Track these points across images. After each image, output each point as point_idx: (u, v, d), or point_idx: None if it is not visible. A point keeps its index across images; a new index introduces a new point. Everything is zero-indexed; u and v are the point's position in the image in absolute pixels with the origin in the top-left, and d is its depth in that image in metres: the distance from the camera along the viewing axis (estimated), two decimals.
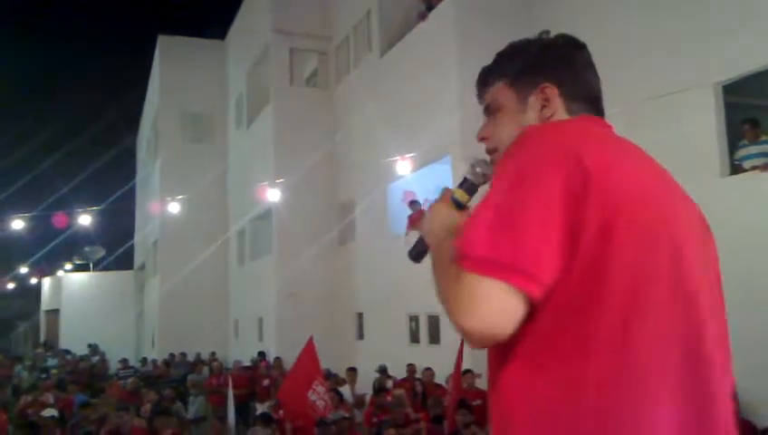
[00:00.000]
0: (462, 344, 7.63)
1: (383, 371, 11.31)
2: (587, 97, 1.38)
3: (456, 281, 1.12)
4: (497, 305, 1.08)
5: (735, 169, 7.73)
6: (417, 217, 12.28)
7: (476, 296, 1.08)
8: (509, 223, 1.10)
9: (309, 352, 8.99)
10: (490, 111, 1.46)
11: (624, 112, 6.59)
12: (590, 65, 1.41)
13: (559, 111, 1.35)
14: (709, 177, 7.64)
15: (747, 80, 7.69)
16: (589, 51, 1.42)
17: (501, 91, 1.42)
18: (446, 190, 1.43)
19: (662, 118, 8.03)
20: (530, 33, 1.50)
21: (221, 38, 22.51)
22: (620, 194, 1.13)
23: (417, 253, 1.46)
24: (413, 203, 12.52)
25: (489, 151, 1.47)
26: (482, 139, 1.49)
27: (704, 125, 7.89)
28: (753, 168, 7.42)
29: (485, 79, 1.49)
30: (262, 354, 15.45)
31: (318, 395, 8.48)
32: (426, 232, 1.38)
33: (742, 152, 7.65)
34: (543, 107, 1.36)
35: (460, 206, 1.41)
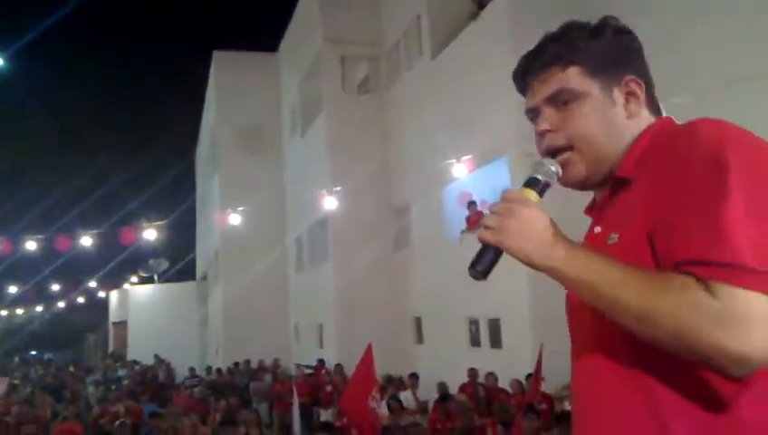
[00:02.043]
0: (541, 349, 7.46)
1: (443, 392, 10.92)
2: (654, 94, 1.29)
3: (707, 297, 0.95)
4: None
5: None
6: (476, 218, 12.14)
7: (756, 316, 0.92)
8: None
9: (368, 359, 8.96)
10: (559, 99, 1.25)
11: (693, 100, 6.35)
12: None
13: (643, 107, 1.25)
14: None
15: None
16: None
17: (577, 79, 1.24)
18: (518, 192, 1.18)
19: (733, 106, 7.69)
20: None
21: (274, 50, 22.86)
22: None
23: (485, 269, 1.20)
24: (471, 204, 12.39)
25: (554, 148, 1.26)
26: (545, 131, 1.28)
27: None
28: None
29: (552, 59, 1.27)
30: (321, 361, 15.53)
31: (377, 402, 8.45)
32: (515, 247, 1.12)
33: None
34: (628, 102, 1.24)
35: None
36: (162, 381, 18.90)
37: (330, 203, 14.77)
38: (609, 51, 1.25)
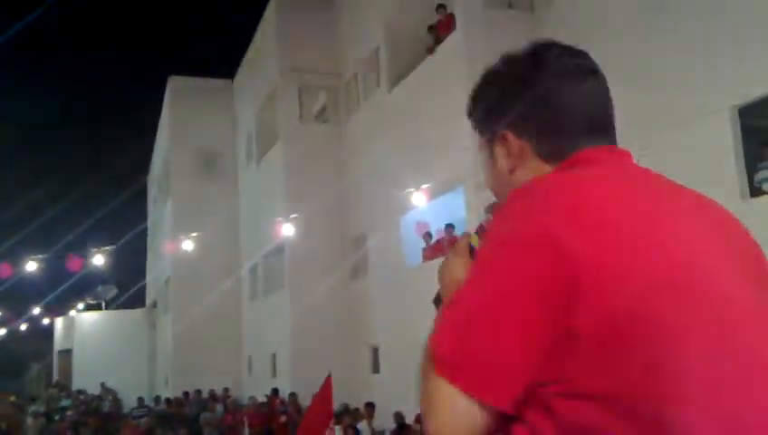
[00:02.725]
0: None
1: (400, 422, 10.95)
2: (571, 126, 1.08)
3: (426, 378, 0.97)
4: (459, 418, 0.91)
5: (755, 191, 7.71)
6: (432, 249, 12.28)
7: (439, 401, 0.93)
8: (476, 324, 0.92)
9: (326, 390, 8.90)
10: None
11: (638, 137, 6.59)
12: (574, 77, 1.11)
13: (528, 158, 1.11)
14: (729, 199, 7.58)
15: (764, 102, 7.70)
16: (568, 58, 1.13)
17: (478, 139, 1.22)
18: (463, 237, 1.19)
19: (678, 142, 8.03)
20: None
21: (230, 77, 22.82)
22: (630, 285, 0.87)
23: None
24: (427, 235, 12.52)
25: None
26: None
27: (721, 148, 7.89)
28: None
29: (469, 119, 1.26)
30: (275, 391, 15.33)
31: (333, 434, 8.39)
32: (441, 284, 1.17)
33: (762, 174, 7.64)
34: (509, 157, 1.13)
35: None
36: (108, 412, 18.32)
37: (287, 230, 14.72)
38: (486, 105, 1.18)
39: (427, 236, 12.64)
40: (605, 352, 0.85)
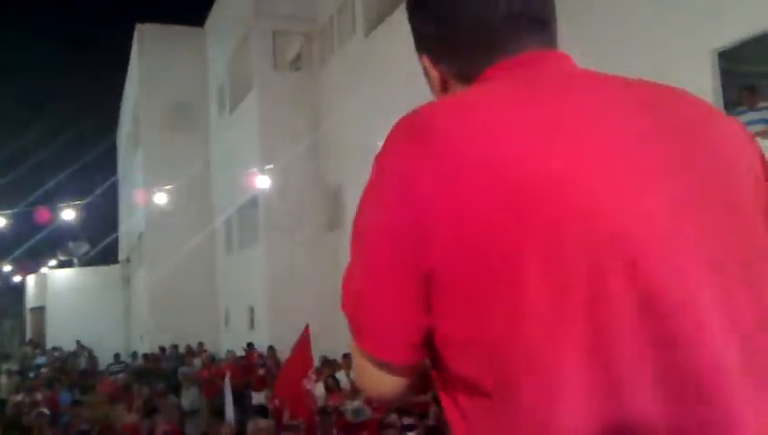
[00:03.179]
0: None
1: None
2: (478, 39, 0.91)
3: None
4: (372, 377, 0.91)
5: None
6: None
7: (357, 366, 0.94)
8: (356, 276, 0.88)
9: (304, 341, 8.88)
10: None
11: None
12: None
13: (450, 84, 0.98)
14: None
15: (744, 46, 7.54)
16: None
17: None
18: None
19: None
20: None
21: (201, 24, 22.08)
22: (476, 214, 0.75)
23: None
24: None
25: None
26: None
27: (700, 92, 7.72)
28: (754, 134, 7.30)
29: None
30: (251, 345, 15.20)
31: (312, 384, 8.40)
32: None
33: (740, 119, 7.52)
34: (432, 85, 1.03)
35: None
36: (84, 368, 18.16)
37: (261, 182, 14.44)
38: (412, 27, 1.04)
39: None
40: (458, 293, 0.78)
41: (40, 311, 29.56)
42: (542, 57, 0.91)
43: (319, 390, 9.58)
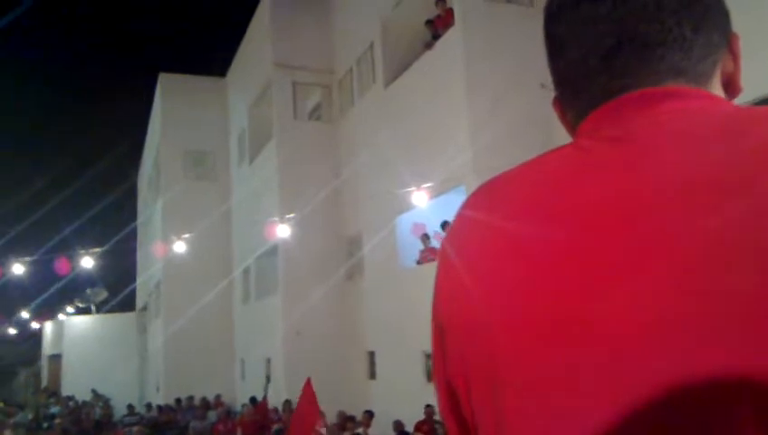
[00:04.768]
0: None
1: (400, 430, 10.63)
2: (584, 83, 0.75)
3: None
4: None
5: None
6: (429, 252, 11.91)
7: None
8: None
9: (307, 394, 8.93)
10: None
11: None
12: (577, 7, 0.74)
13: (572, 128, 0.81)
14: None
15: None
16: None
17: None
18: None
19: None
20: (542, 61, 0.97)
21: (222, 74, 22.39)
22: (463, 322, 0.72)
23: None
24: (425, 237, 12.16)
25: None
26: None
27: None
28: None
29: None
30: (253, 400, 14.82)
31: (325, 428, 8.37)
32: None
33: None
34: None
35: None
36: (99, 419, 17.88)
37: (281, 231, 14.35)
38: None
39: (425, 237, 12.27)
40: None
41: (57, 358, 29.45)
42: (641, 101, 0.70)
43: None
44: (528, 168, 0.74)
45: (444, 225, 11.67)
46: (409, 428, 9.89)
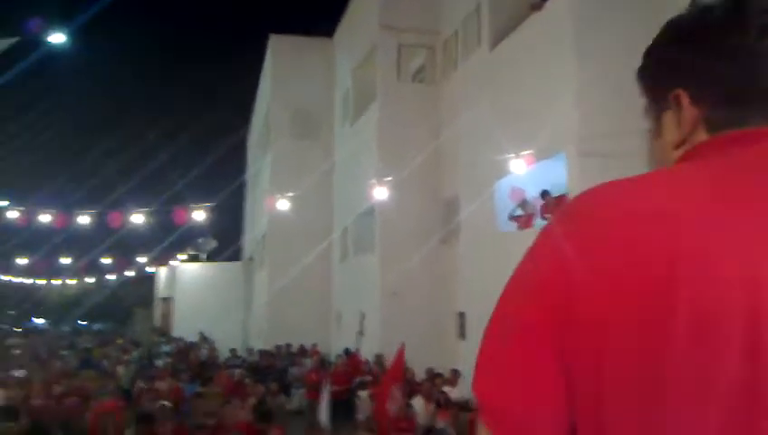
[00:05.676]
0: None
1: None
2: (751, 93, 0.84)
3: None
4: None
5: None
6: (526, 217, 11.84)
7: None
8: (498, 358, 0.84)
9: (398, 359, 9.21)
10: None
11: None
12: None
13: (698, 129, 0.88)
14: None
15: None
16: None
17: (646, 107, 1.00)
18: None
19: None
20: (656, 23, 1.02)
21: (330, 36, 22.78)
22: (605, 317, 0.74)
23: None
24: (524, 202, 12.08)
25: None
26: None
27: None
28: None
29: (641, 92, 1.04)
30: (347, 351, 15.36)
31: (396, 401, 8.62)
32: None
33: None
34: (677, 125, 0.91)
35: None
36: (204, 360, 19.11)
37: (379, 193, 14.61)
38: (660, 58, 0.98)
39: (524, 202, 12.18)
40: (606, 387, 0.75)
41: (168, 301, 31.54)
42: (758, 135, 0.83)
43: (419, 405, 9.54)
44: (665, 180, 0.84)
45: (544, 193, 11.53)
46: None
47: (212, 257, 32.95)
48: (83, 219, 17.70)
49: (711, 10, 0.88)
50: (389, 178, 14.59)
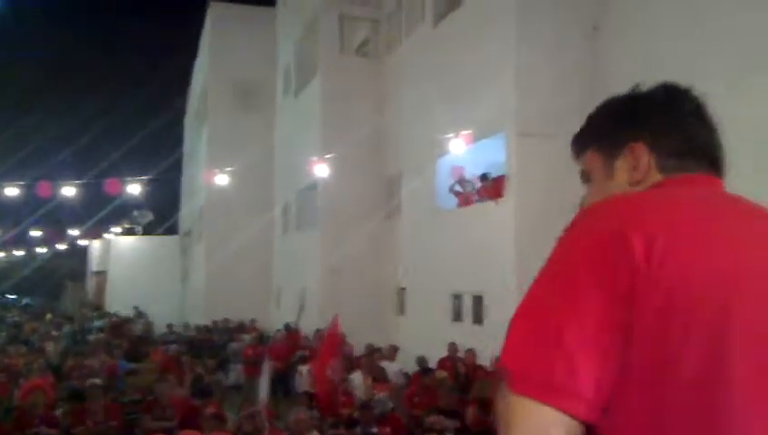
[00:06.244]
0: None
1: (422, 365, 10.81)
2: (691, 151, 1.18)
3: (503, 398, 0.98)
4: (537, 432, 0.92)
5: None
6: (465, 196, 11.97)
7: (514, 420, 0.94)
8: (543, 332, 0.95)
9: (332, 330, 9.26)
10: (585, 180, 1.30)
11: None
12: (699, 116, 1.20)
13: (650, 172, 1.17)
14: None
15: None
16: (697, 99, 1.22)
17: (590, 158, 1.26)
18: None
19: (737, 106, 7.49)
20: (594, 8, 1.26)
21: (272, 5, 22.29)
22: (682, 286, 0.92)
23: None
24: (463, 181, 12.20)
25: None
26: None
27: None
28: None
29: (577, 145, 1.31)
30: (287, 327, 15.27)
31: (334, 372, 8.69)
32: None
33: None
34: (633, 169, 1.18)
35: None
36: (139, 335, 18.70)
37: (320, 169, 14.52)
38: (614, 120, 1.25)
39: (462, 180, 12.29)
40: (655, 357, 0.91)
41: (102, 275, 30.70)
42: (714, 180, 1.18)
43: (358, 379, 9.61)
44: (684, 196, 1.11)
45: (483, 176, 11.68)
46: (433, 364, 10.18)
47: (148, 231, 32.16)
48: (11, 191, 16.98)
49: (652, 97, 1.22)
50: (332, 155, 14.48)
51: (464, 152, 11.73)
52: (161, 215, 32.10)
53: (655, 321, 0.91)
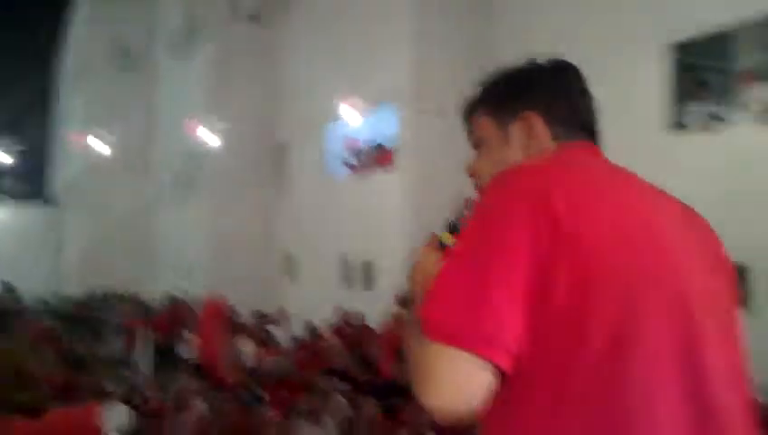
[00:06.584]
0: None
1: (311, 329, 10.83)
2: (576, 121, 1.28)
3: (419, 350, 0.99)
4: (463, 380, 0.95)
5: (680, 126, 7.79)
6: (360, 166, 12.06)
7: (437, 369, 0.95)
8: (472, 283, 0.97)
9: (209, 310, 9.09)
10: (476, 145, 1.35)
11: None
12: (581, 88, 1.30)
13: (544, 139, 1.25)
14: (651, 131, 7.74)
15: (704, 40, 7.64)
16: (580, 74, 1.31)
17: (483, 124, 1.32)
18: (432, 236, 1.29)
19: (615, 72, 7.92)
20: None
21: None
22: (592, 240, 0.99)
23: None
24: (358, 152, 12.28)
25: (477, 188, 1.35)
26: (470, 175, 1.38)
27: (652, 82, 7.88)
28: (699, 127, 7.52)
29: (469, 110, 1.36)
30: (171, 299, 14.82)
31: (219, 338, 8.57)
32: (410, 282, 1.24)
33: (690, 110, 7.73)
34: (528, 137, 1.26)
35: None
36: (5, 308, 17.48)
37: (206, 136, 14.11)
38: (509, 89, 1.31)
39: (357, 151, 12.35)
40: (572, 314, 0.95)
41: None
42: (594, 149, 1.27)
43: (246, 346, 9.51)
44: (582, 164, 1.18)
45: (378, 146, 11.75)
46: (323, 330, 10.22)
47: (18, 200, 29.96)
48: None
49: (543, 69, 1.30)
50: (217, 118, 14.09)
51: (359, 123, 11.73)
52: (31, 183, 30.02)
53: (572, 280, 0.95)
